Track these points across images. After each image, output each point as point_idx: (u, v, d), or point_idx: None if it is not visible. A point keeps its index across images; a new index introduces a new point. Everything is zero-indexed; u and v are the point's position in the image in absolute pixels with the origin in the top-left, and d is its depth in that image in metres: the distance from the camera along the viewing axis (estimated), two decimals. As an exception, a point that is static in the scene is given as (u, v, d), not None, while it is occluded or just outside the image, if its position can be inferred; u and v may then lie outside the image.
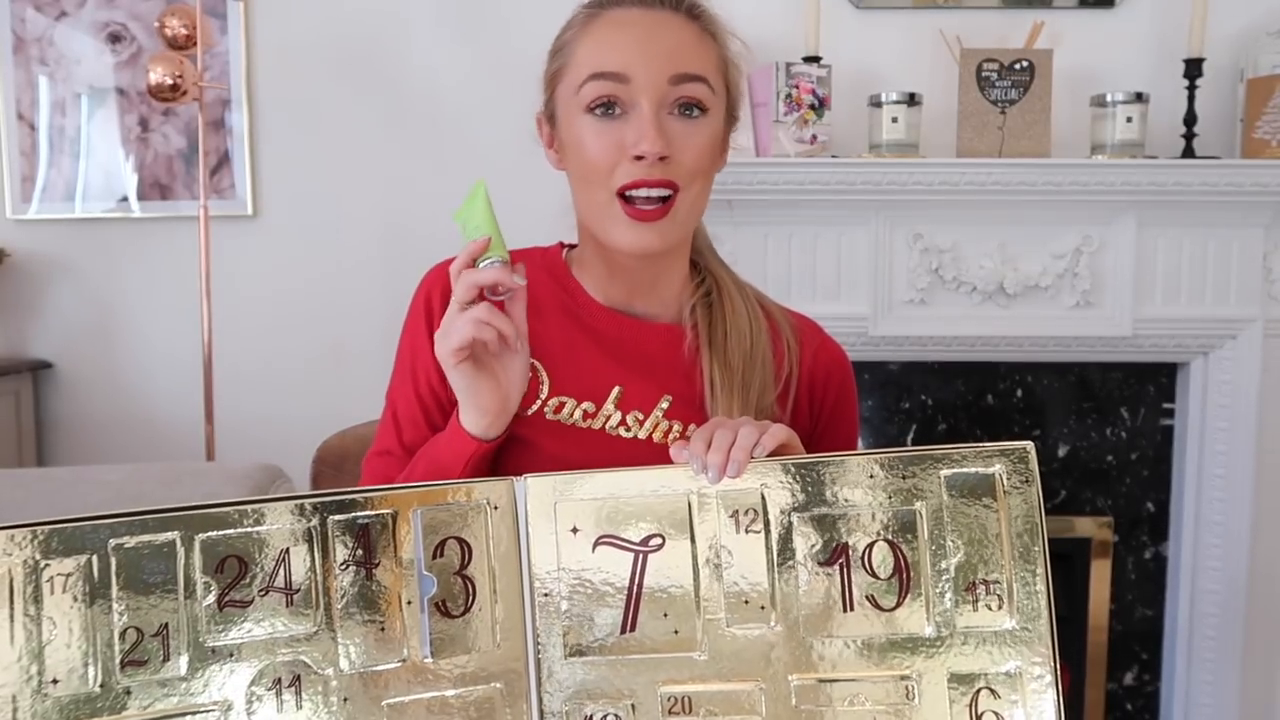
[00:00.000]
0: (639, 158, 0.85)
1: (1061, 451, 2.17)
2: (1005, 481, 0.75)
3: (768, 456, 0.76)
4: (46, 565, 0.68)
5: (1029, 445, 0.75)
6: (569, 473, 0.76)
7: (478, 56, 2.22)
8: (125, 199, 2.30)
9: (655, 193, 0.87)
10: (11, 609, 0.67)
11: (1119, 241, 2.04)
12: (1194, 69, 2.01)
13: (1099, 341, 2.07)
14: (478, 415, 0.84)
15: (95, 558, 0.69)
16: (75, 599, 0.68)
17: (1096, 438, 2.17)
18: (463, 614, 0.73)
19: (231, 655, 0.70)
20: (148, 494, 1.61)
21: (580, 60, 0.89)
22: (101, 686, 0.68)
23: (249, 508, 0.71)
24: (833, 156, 2.03)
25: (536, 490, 0.76)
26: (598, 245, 0.94)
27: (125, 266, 2.33)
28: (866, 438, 2.17)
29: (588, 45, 0.89)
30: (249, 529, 0.71)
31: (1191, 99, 2.02)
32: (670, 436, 0.92)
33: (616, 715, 0.73)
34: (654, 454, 0.90)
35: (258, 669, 0.70)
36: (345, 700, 0.71)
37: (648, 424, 0.92)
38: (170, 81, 2.00)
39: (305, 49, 2.26)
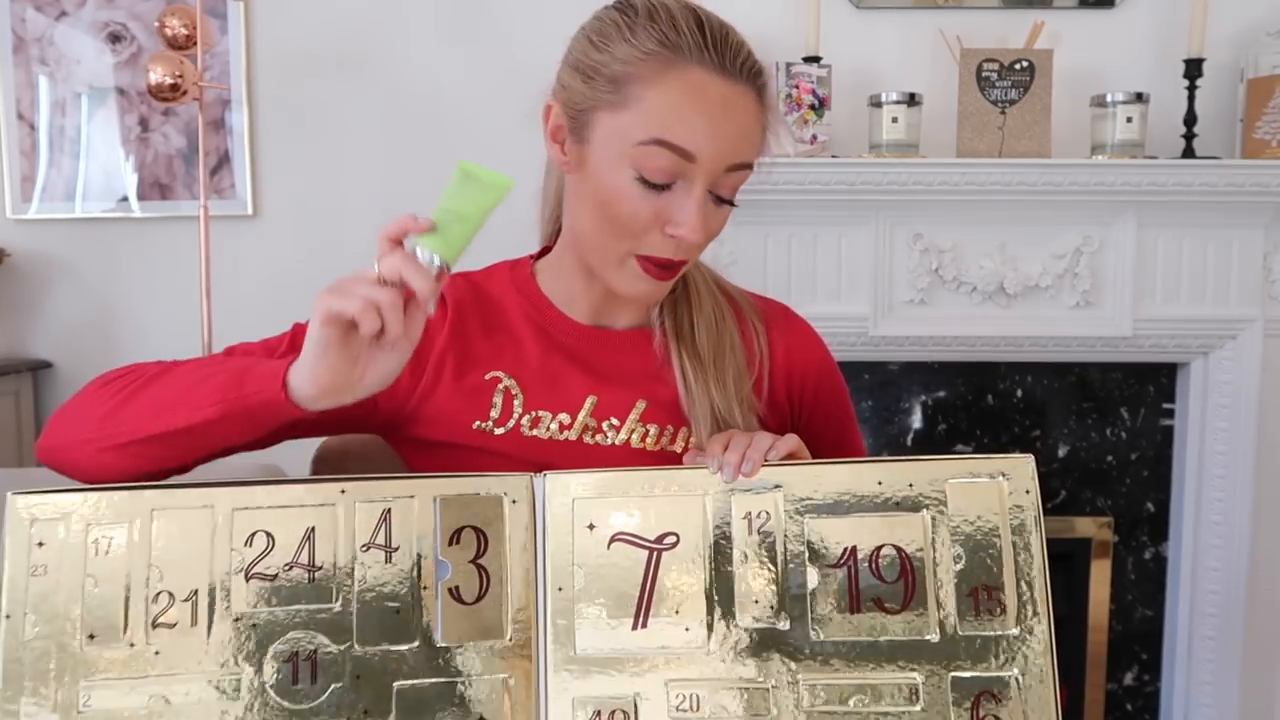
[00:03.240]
0: (673, 235, 0.84)
1: (1061, 451, 2.18)
2: (1006, 492, 0.78)
3: (779, 462, 0.79)
4: (93, 528, 0.74)
5: (1029, 458, 0.79)
6: (587, 471, 0.78)
7: (477, 56, 2.22)
8: (125, 199, 2.30)
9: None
10: (62, 566, 0.73)
11: (1119, 241, 2.05)
12: (1194, 69, 2.02)
13: (1099, 341, 2.08)
14: (308, 381, 0.74)
15: (138, 523, 0.74)
16: (117, 560, 0.73)
17: (1096, 438, 2.18)
18: (476, 601, 0.75)
19: (255, 626, 0.73)
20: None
21: (649, 115, 0.81)
22: (131, 645, 0.72)
23: (278, 487, 0.76)
24: (833, 156, 2.03)
25: (555, 487, 0.77)
26: (582, 264, 0.93)
27: (125, 266, 2.33)
28: (866, 438, 2.17)
29: (661, 102, 0.81)
30: (278, 507, 0.75)
31: (1191, 99, 2.03)
32: (648, 440, 0.93)
33: (625, 711, 0.74)
34: (634, 459, 0.91)
35: (277, 642, 0.73)
36: (358, 678, 0.73)
37: (624, 429, 0.93)
38: (170, 81, 1.99)
39: (305, 49, 2.26)
